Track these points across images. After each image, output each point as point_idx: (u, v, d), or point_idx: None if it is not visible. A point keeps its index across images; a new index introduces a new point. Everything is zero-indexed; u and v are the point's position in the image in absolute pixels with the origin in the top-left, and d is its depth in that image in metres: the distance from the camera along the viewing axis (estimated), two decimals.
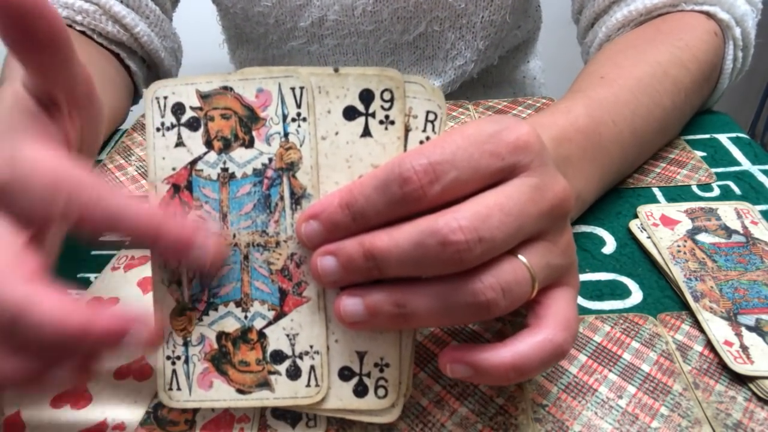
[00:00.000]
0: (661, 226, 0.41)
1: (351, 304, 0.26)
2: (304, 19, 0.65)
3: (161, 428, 0.30)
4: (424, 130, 0.27)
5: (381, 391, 0.27)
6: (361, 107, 0.27)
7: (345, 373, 0.28)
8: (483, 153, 0.25)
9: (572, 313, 0.27)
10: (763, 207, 0.43)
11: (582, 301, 0.36)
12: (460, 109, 0.58)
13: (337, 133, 0.27)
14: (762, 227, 0.40)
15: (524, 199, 0.25)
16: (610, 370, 0.32)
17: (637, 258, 0.40)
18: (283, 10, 0.65)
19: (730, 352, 0.32)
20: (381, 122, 0.26)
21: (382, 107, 0.26)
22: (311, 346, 0.27)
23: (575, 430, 0.29)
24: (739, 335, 0.33)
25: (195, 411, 0.30)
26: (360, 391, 0.27)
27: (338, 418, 0.30)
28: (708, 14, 0.51)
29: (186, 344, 0.28)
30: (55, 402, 0.30)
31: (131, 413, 0.30)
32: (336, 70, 0.27)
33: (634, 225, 0.42)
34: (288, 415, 0.30)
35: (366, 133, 0.27)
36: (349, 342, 0.27)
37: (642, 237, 0.40)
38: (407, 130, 0.27)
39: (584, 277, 0.38)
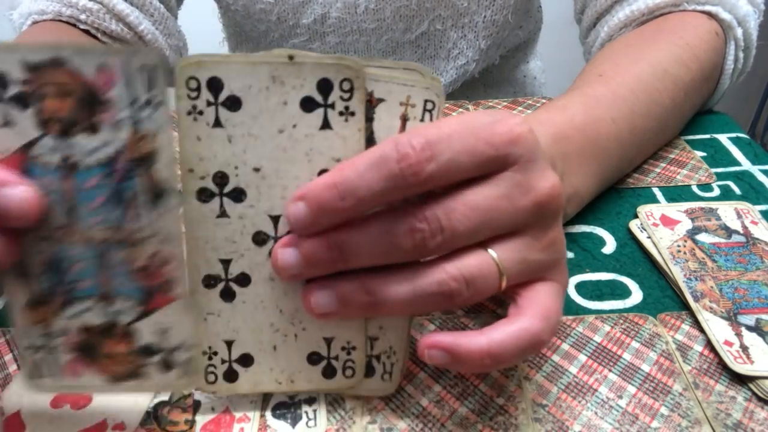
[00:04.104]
0: (661, 226, 0.41)
1: (322, 296, 0.26)
2: (307, 16, 0.65)
3: (161, 428, 0.30)
4: (422, 119, 0.26)
5: (348, 372, 0.29)
6: (319, 98, 0.25)
7: (314, 358, 0.28)
8: (478, 140, 0.25)
9: (553, 305, 0.27)
10: (763, 207, 0.43)
11: (582, 301, 0.36)
12: (460, 110, 0.58)
13: (294, 126, 0.26)
14: (762, 227, 0.40)
15: (497, 196, 0.26)
16: (610, 370, 0.32)
17: (637, 258, 0.40)
18: (285, 7, 0.65)
19: (730, 352, 0.32)
20: (341, 113, 0.26)
21: (341, 98, 0.25)
22: (184, 342, 0.27)
23: (575, 430, 0.29)
24: (739, 335, 0.33)
25: (195, 411, 0.30)
26: (329, 372, 0.28)
27: (338, 418, 0.30)
28: (710, 14, 0.51)
29: (47, 335, 0.26)
30: (55, 402, 0.30)
31: (131, 413, 0.30)
32: (291, 58, 0.25)
33: (634, 225, 0.42)
34: (288, 415, 0.30)
35: (325, 125, 0.26)
36: (317, 330, 0.28)
37: (642, 237, 0.40)
38: (405, 119, 0.26)
39: (584, 277, 0.38)
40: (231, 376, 0.28)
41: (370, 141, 0.26)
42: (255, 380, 0.28)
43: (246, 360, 0.28)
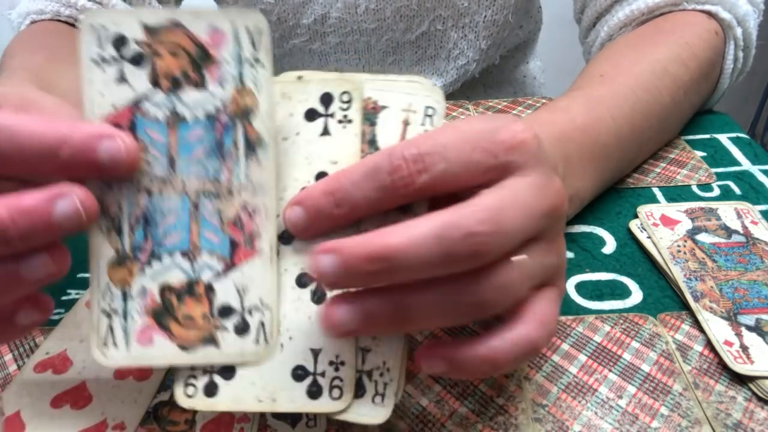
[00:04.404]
0: (661, 226, 0.41)
1: (345, 311, 0.24)
2: (307, 17, 0.65)
3: (161, 428, 0.30)
4: (423, 124, 0.27)
5: (336, 392, 0.26)
6: (321, 109, 0.27)
7: (299, 373, 0.27)
8: (475, 148, 0.25)
9: (551, 312, 0.27)
10: (763, 207, 0.43)
11: (582, 301, 0.36)
12: (460, 110, 0.58)
13: (298, 134, 0.27)
14: (762, 227, 0.40)
15: (530, 196, 0.25)
16: (610, 370, 0.32)
17: (637, 258, 0.40)
18: (285, 7, 0.65)
19: (730, 352, 0.32)
20: (339, 121, 0.27)
21: (341, 108, 0.27)
22: (261, 301, 0.27)
23: (575, 430, 0.29)
24: (739, 335, 0.33)
25: (195, 411, 0.30)
26: (314, 392, 0.26)
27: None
28: (709, 14, 0.51)
29: (125, 297, 0.26)
30: (55, 402, 0.30)
31: (131, 413, 0.30)
32: (299, 78, 0.27)
33: (634, 225, 0.42)
34: (288, 415, 0.30)
35: (325, 132, 0.27)
36: (304, 339, 0.27)
37: (642, 237, 0.40)
38: (407, 123, 0.27)
39: (584, 277, 0.38)
40: (211, 389, 0.27)
41: (372, 143, 0.27)
42: (235, 396, 0.27)
43: (228, 371, 0.27)
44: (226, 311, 0.27)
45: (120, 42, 0.26)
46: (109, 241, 0.26)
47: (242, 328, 0.27)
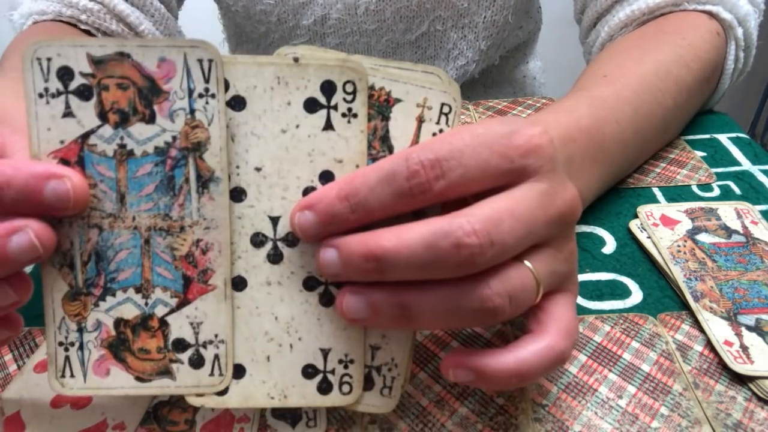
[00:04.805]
0: (661, 226, 0.41)
1: (353, 301, 0.25)
2: (307, 18, 0.65)
3: (161, 428, 0.30)
4: (438, 122, 0.26)
5: (345, 387, 0.27)
6: (322, 99, 0.26)
7: (309, 371, 0.27)
8: (492, 153, 0.25)
9: (573, 320, 0.27)
10: (763, 207, 0.43)
11: (582, 301, 0.36)
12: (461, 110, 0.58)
13: (298, 126, 0.26)
14: (762, 227, 0.40)
15: (534, 205, 0.25)
16: (610, 370, 0.32)
17: (637, 258, 0.40)
18: (285, 8, 0.65)
19: (730, 352, 0.32)
20: (344, 115, 0.26)
21: (344, 99, 0.26)
22: (216, 335, 0.27)
23: (575, 430, 0.29)
24: (739, 335, 0.33)
25: (195, 411, 0.30)
26: (324, 388, 0.27)
27: (338, 418, 0.30)
28: (710, 14, 0.51)
29: (80, 330, 0.26)
30: (55, 402, 0.30)
31: (131, 413, 0.30)
32: (296, 60, 0.25)
33: (634, 225, 0.42)
34: (288, 415, 0.30)
35: (328, 126, 0.26)
36: (313, 340, 0.27)
37: (642, 237, 0.40)
38: (421, 120, 0.26)
39: (584, 277, 0.38)
40: (221, 389, 0.27)
41: (384, 140, 0.26)
42: (246, 393, 0.27)
43: (238, 371, 0.27)
44: (180, 345, 0.27)
45: (65, 74, 0.25)
46: (62, 276, 0.26)
47: (197, 362, 0.27)
